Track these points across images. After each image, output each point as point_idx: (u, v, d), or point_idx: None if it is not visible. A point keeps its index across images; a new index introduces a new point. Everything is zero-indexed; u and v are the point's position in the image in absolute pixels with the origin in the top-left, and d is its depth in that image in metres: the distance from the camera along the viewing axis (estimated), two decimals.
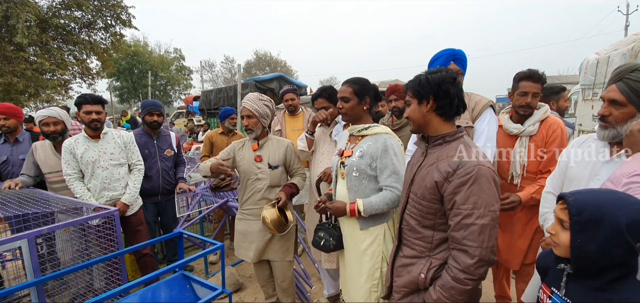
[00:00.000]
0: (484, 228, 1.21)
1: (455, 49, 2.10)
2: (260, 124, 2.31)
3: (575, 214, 0.98)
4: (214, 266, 3.81)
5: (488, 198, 1.22)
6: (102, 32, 14.53)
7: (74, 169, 2.66)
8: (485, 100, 2.11)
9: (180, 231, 2.37)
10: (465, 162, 1.26)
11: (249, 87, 8.81)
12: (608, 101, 1.40)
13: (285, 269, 2.43)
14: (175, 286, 2.10)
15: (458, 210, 1.25)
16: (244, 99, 2.34)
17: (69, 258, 2.65)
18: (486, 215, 1.21)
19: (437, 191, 1.31)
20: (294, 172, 2.48)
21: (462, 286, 1.25)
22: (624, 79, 1.35)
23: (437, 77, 1.35)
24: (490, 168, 1.26)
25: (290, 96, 3.61)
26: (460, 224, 1.25)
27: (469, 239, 1.23)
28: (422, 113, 1.39)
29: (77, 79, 14.79)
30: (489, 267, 1.26)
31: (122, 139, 2.85)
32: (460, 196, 1.24)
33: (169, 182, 3.35)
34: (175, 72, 29.52)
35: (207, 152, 4.05)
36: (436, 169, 1.32)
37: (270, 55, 33.01)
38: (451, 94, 1.35)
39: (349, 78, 1.98)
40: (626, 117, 1.35)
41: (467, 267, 1.23)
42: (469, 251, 1.23)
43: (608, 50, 4.05)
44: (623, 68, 1.38)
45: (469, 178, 1.23)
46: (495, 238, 1.24)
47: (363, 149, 1.83)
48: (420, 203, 1.38)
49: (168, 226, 3.44)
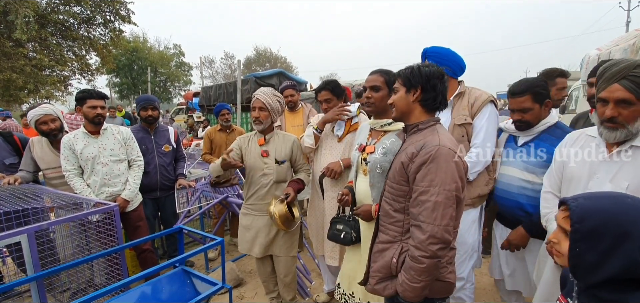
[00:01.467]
0: (438, 206, 1.25)
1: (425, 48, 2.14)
2: (270, 118, 2.31)
3: (577, 221, 0.92)
4: (214, 262, 3.82)
5: (444, 177, 1.26)
6: (101, 27, 14.51)
7: (73, 166, 2.65)
8: (486, 95, 2.05)
9: (180, 227, 2.37)
10: (427, 142, 1.32)
11: (249, 83, 8.79)
12: (614, 102, 1.34)
13: (289, 264, 2.44)
14: (175, 281, 2.10)
15: (416, 186, 1.32)
16: (258, 91, 2.33)
17: (70, 253, 2.65)
18: (441, 193, 1.25)
19: (404, 172, 1.37)
20: (299, 168, 2.48)
21: (418, 265, 1.28)
22: (627, 77, 1.30)
23: (428, 71, 1.41)
24: (451, 148, 1.30)
25: (290, 92, 3.60)
26: (416, 200, 1.31)
27: (423, 215, 1.27)
28: (408, 101, 1.44)
29: (76, 75, 14.77)
30: (444, 245, 1.27)
31: (121, 135, 2.84)
32: (420, 174, 1.30)
33: (168, 178, 3.34)
34: (175, 68, 29.48)
35: (207, 149, 4.05)
36: (405, 153, 1.39)
37: (270, 51, 32.96)
38: (437, 89, 1.41)
39: (379, 68, 1.96)
40: (636, 115, 1.32)
41: (420, 242, 1.27)
42: (422, 227, 1.28)
43: (609, 46, 4.05)
44: (622, 65, 1.32)
45: (428, 157, 1.28)
46: (449, 217, 1.27)
47: (386, 146, 1.81)
48: (392, 187, 1.44)
49: (168, 222, 3.44)
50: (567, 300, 1.10)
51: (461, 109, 2.06)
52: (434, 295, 1.39)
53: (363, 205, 1.88)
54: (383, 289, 1.45)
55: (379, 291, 1.47)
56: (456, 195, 1.28)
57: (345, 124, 2.46)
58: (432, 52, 2.09)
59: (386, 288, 1.44)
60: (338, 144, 2.47)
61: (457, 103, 2.08)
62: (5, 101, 12.66)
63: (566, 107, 8.26)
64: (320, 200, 2.55)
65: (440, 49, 2.11)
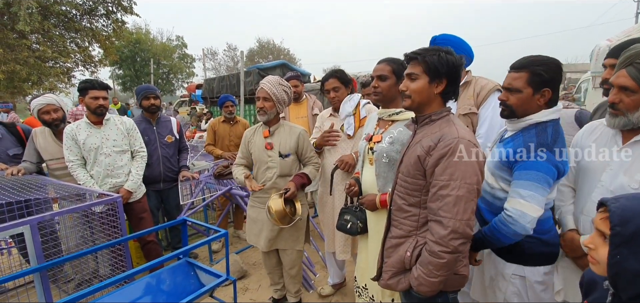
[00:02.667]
0: (459, 200, 1.21)
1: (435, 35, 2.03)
2: (276, 109, 2.25)
3: (618, 224, 0.83)
4: (217, 253, 3.81)
5: (465, 170, 1.22)
6: (103, 19, 14.43)
7: (76, 156, 2.63)
8: (492, 84, 2.00)
9: (184, 219, 2.36)
10: (445, 135, 1.27)
11: (252, 75, 8.73)
12: (618, 88, 1.31)
13: (295, 258, 2.42)
14: (179, 272, 2.09)
15: (436, 181, 1.27)
16: (264, 80, 2.27)
17: (73, 244, 2.65)
18: (462, 187, 1.21)
19: (420, 165, 1.32)
20: (307, 161, 2.38)
21: (438, 259, 1.24)
22: (634, 64, 1.26)
23: (454, 60, 1.34)
24: (470, 140, 1.26)
25: (294, 82, 3.54)
26: (436, 195, 1.26)
27: (444, 210, 1.23)
28: (430, 92, 1.36)
29: (79, 67, 14.76)
30: (465, 240, 1.24)
31: (124, 125, 2.82)
32: (439, 168, 1.25)
33: (171, 169, 3.32)
34: (178, 60, 29.39)
35: (211, 140, 4.03)
36: (420, 146, 1.33)
37: (273, 43, 32.76)
38: (459, 80, 1.37)
39: (387, 57, 1.90)
40: (637, 104, 1.27)
41: (441, 238, 1.23)
42: (443, 222, 1.23)
43: (620, 36, 3.96)
44: (633, 52, 1.28)
45: (448, 151, 1.23)
46: (471, 211, 1.23)
47: (393, 135, 1.77)
48: (406, 181, 1.39)
49: (171, 214, 3.43)
50: None
51: (466, 99, 2.01)
52: (448, 288, 1.36)
53: (368, 195, 1.86)
54: (396, 284, 1.43)
55: (392, 286, 1.45)
56: (477, 188, 1.25)
57: (355, 121, 2.42)
58: (442, 40, 2.01)
59: (400, 283, 1.42)
60: (349, 140, 2.43)
61: (463, 93, 2.03)
62: (9, 93, 12.68)
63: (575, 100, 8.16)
64: (329, 195, 2.52)
65: (451, 37, 2.04)
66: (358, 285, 2.06)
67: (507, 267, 1.57)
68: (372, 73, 1.91)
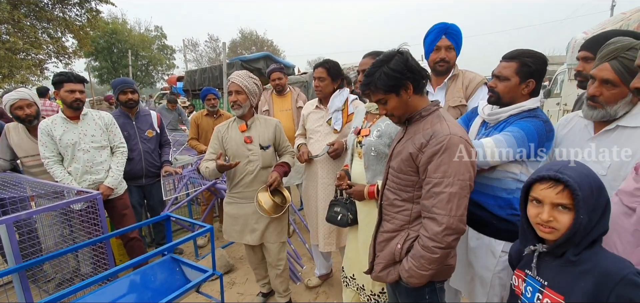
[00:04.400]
0: (453, 197, 1.23)
1: (446, 22, 2.03)
2: (249, 101, 2.23)
3: (578, 190, 0.96)
4: (203, 249, 3.78)
5: (458, 167, 1.24)
6: (76, 8, 13.83)
7: (52, 152, 2.53)
8: (480, 77, 2.06)
9: (167, 214, 2.32)
10: (437, 132, 1.28)
11: (235, 66, 8.59)
12: (600, 81, 1.34)
13: (279, 250, 2.42)
14: (164, 269, 2.06)
15: (429, 178, 1.28)
16: (233, 74, 2.25)
17: (52, 243, 2.57)
18: (455, 184, 1.24)
19: (412, 162, 1.34)
20: (284, 151, 2.44)
21: (431, 254, 1.27)
22: (619, 58, 1.29)
23: (401, 62, 1.33)
24: (462, 136, 1.28)
25: (277, 75, 3.52)
26: (430, 192, 1.28)
27: (438, 207, 1.25)
28: (405, 102, 1.38)
29: (52, 58, 14.13)
30: (458, 235, 1.27)
31: (103, 120, 2.73)
32: (432, 165, 1.27)
33: (153, 164, 3.24)
34: (157, 51, 28.56)
35: (193, 134, 3.96)
36: (412, 142, 1.35)
37: (255, 34, 32.22)
38: (415, 68, 1.35)
39: (372, 51, 1.92)
40: (617, 98, 1.32)
41: (435, 234, 1.25)
42: (437, 219, 1.26)
43: (595, 29, 4.09)
44: (618, 45, 1.30)
45: (440, 148, 1.25)
46: (464, 207, 1.26)
47: (381, 128, 1.79)
48: (398, 177, 1.41)
49: (155, 210, 3.36)
50: (525, 272, 1.15)
51: (456, 91, 2.05)
52: (436, 279, 1.39)
53: (356, 185, 1.88)
54: (386, 275, 1.46)
55: (382, 277, 1.48)
56: (470, 184, 1.27)
57: (343, 116, 2.42)
58: (454, 30, 2.02)
59: (389, 274, 1.45)
60: (335, 134, 2.43)
61: (452, 85, 2.06)
62: None
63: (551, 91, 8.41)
64: (314, 188, 2.53)
65: (459, 29, 2.06)
66: (346, 276, 2.09)
67: (496, 244, 1.61)
68: (358, 67, 1.92)
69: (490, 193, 1.61)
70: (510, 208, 1.56)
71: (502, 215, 1.57)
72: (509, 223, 1.55)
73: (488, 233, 1.65)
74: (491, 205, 1.60)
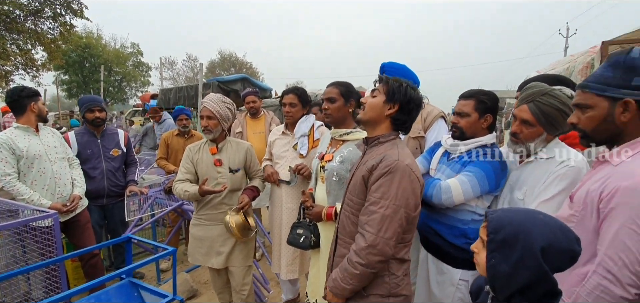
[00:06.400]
0: (385, 218, 1.26)
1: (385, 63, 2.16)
2: (221, 126, 2.25)
3: (492, 232, 0.95)
4: (166, 273, 3.64)
5: (397, 191, 1.27)
6: (50, 21, 13.46)
7: (13, 168, 2.39)
8: (437, 110, 2.20)
9: (128, 236, 2.25)
10: (387, 156, 1.32)
11: (212, 87, 8.53)
12: (520, 120, 1.53)
13: (244, 275, 2.38)
14: (121, 293, 1.98)
15: (369, 196, 1.33)
16: (206, 98, 2.26)
17: (3, 264, 2.41)
18: (390, 207, 1.26)
19: (364, 186, 1.37)
20: (254, 174, 2.46)
21: (353, 269, 1.30)
22: (535, 102, 1.48)
23: (413, 95, 1.41)
24: (408, 165, 1.30)
25: (252, 98, 3.58)
26: (367, 209, 1.32)
27: (369, 224, 1.29)
28: (382, 110, 1.42)
29: (19, 70, 13.56)
30: (382, 259, 1.28)
31: (55, 133, 2.71)
32: (375, 185, 1.31)
33: (116, 184, 3.13)
34: (132, 67, 27.97)
35: (163, 154, 3.88)
36: (365, 166, 1.38)
37: (235, 56, 32.33)
38: (412, 115, 1.44)
39: (335, 81, 1.99)
40: (534, 136, 1.51)
41: (360, 250, 1.29)
42: (364, 235, 1.29)
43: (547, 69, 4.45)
44: (535, 90, 1.50)
45: (386, 171, 1.29)
46: (393, 232, 1.27)
47: (343, 154, 1.85)
48: (352, 200, 1.43)
49: (115, 232, 3.23)
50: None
51: (415, 123, 2.16)
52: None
53: (315, 206, 1.92)
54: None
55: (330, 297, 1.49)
56: (405, 212, 1.28)
57: (309, 141, 2.48)
58: (390, 67, 2.14)
59: None
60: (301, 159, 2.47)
61: None
62: None
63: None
64: (279, 214, 2.54)
65: (397, 65, 2.18)
66: (309, 301, 2.09)
67: (454, 272, 1.70)
68: (322, 95, 2.00)
69: (447, 222, 1.72)
70: (465, 237, 1.66)
71: (458, 243, 1.67)
72: (464, 252, 1.64)
73: (447, 261, 1.74)
74: (447, 234, 1.71)
